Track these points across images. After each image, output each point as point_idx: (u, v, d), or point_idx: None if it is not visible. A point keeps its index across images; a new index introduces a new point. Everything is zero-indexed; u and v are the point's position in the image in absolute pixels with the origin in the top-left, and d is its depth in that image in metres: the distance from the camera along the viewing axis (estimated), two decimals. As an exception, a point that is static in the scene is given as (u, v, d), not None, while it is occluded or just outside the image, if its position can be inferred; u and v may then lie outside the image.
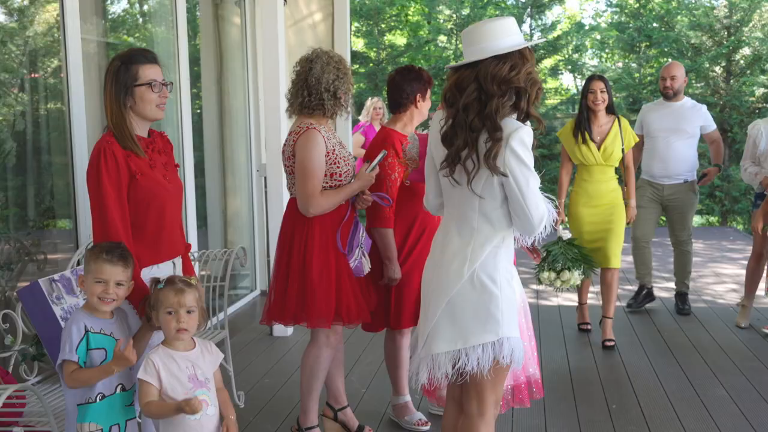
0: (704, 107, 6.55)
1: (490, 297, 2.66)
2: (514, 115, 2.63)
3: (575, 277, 4.98)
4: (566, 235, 5.24)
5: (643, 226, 6.43)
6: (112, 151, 2.88)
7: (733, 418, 4.28)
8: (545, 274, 5.01)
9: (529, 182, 2.60)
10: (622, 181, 5.76)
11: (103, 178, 2.85)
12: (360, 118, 9.05)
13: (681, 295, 6.65)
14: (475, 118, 2.58)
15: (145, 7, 6.50)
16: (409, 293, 3.96)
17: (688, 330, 6.01)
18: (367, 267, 3.80)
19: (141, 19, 6.49)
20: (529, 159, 2.60)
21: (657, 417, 4.32)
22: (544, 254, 4.98)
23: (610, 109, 5.54)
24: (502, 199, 2.66)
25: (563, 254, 5.03)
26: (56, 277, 3.33)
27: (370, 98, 9.12)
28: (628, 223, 5.64)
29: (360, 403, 4.54)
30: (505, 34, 2.60)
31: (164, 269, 3.06)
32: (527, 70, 2.60)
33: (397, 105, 4.01)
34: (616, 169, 5.65)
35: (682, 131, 6.30)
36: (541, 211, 2.64)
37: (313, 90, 3.67)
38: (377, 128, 7.88)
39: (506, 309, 2.69)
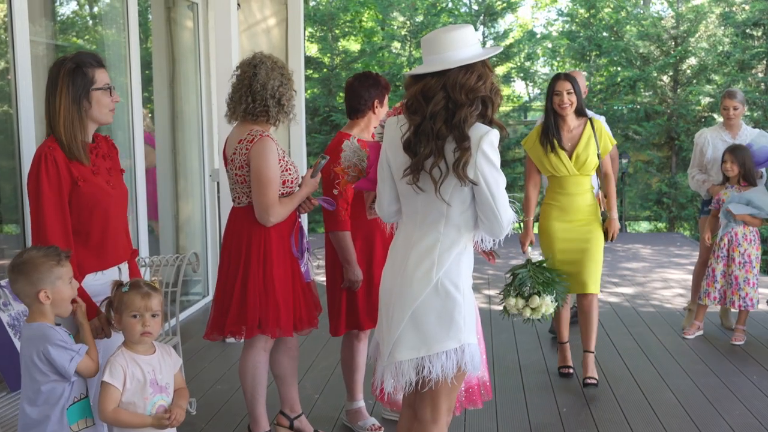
0: (602, 119, 5.65)
1: (454, 303, 2.68)
2: (480, 123, 2.66)
3: (547, 303, 4.17)
4: (536, 257, 4.50)
5: None
6: (54, 157, 2.82)
7: (680, 420, 4.37)
8: (512, 301, 4.19)
9: (499, 184, 2.64)
10: (602, 190, 5.06)
11: (43, 185, 2.81)
12: None
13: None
14: (443, 126, 2.60)
15: (96, 9, 6.41)
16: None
17: (636, 334, 6.12)
18: (312, 271, 3.81)
19: (91, 22, 6.41)
20: (498, 161, 2.65)
21: (606, 420, 4.39)
22: (510, 279, 4.30)
23: (581, 111, 4.86)
24: (469, 203, 2.68)
25: (532, 277, 4.26)
26: (3, 283, 3.27)
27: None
28: (612, 239, 4.93)
29: (313, 409, 4.52)
30: (467, 44, 2.64)
31: (109, 275, 3.02)
32: (492, 80, 2.64)
33: (355, 111, 4.02)
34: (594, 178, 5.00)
35: None
36: (510, 212, 2.69)
37: (258, 96, 3.62)
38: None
39: (468, 315, 2.72)
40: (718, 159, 5.93)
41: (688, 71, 14.74)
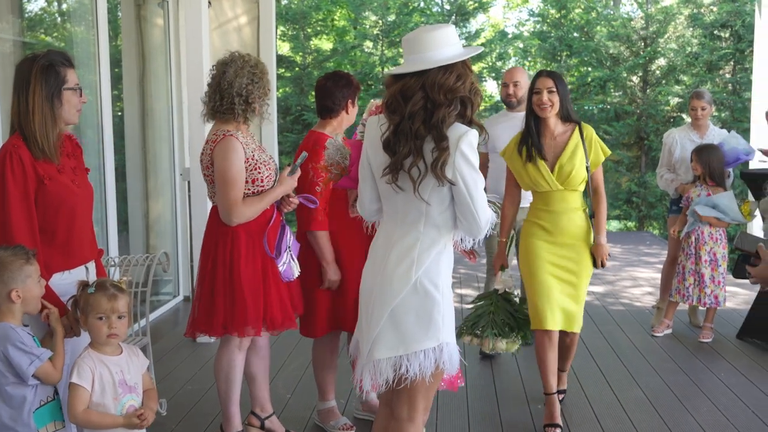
0: None
1: (433, 303, 2.69)
2: (459, 123, 2.66)
3: (501, 346, 3.98)
4: (509, 283, 4.22)
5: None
6: (19, 156, 2.80)
7: (649, 418, 4.41)
8: (467, 338, 4.08)
9: (477, 184, 2.65)
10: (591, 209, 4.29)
11: (8, 184, 2.78)
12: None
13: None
14: (421, 126, 2.60)
15: (64, 6, 6.34)
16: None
17: (606, 333, 6.17)
18: (296, 271, 3.78)
19: (59, 19, 6.33)
20: (477, 161, 2.66)
21: (577, 418, 4.42)
22: (472, 310, 4.21)
23: (567, 115, 4.16)
24: (449, 203, 2.69)
25: (491, 314, 4.05)
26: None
27: (373, 100, 8.35)
28: (601, 266, 4.21)
29: (285, 409, 4.51)
30: (448, 43, 2.64)
31: (76, 274, 3.00)
32: (471, 80, 2.65)
33: (328, 110, 4.01)
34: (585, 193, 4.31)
35: None
36: (488, 212, 2.70)
37: (225, 94, 3.61)
38: None
39: (446, 314, 2.73)
40: (687, 158, 6.00)
41: (657, 72, 14.90)
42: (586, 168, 4.09)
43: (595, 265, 4.19)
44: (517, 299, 4.28)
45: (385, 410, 2.97)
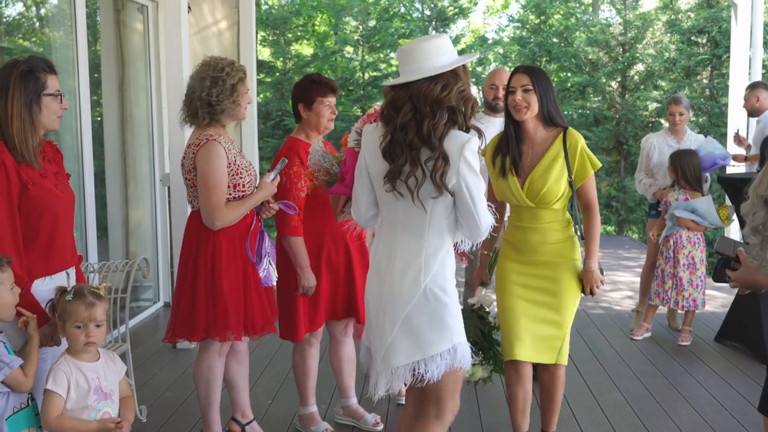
0: None
1: (444, 307, 2.74)
2: (455, 129, 2.69)
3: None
4: (487, 301, 3.85)
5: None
6: (2, 160, 2.78)
7: (628, 421, 4.44)
8: None
9: (480, 190, 2.70)
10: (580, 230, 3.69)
11: None
12: None
13: None
14: (414, 137, 2.64)
15: (42, 11, 6.31)
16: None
17: (586, 336, 6.20)
18: (274, 277, 3.78)
19: (38, 24, 6.29)
20: (478, 167, 2.70)
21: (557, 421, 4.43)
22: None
23: (551, 118, 3.55)
24: (451, 208, 2.73)
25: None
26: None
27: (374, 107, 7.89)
28: (591, 294, 3.63)
29: (266, 415, 4.50)
30: (439, 53, 2.67)
31: (57, 280, 2.99)
32: (459, 89, 2.67)
33: (295, 115, 4.08)
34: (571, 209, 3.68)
35: None
36: (488, 216, 2.74)
37: (188, 100, 3.66)
38: None
39: (456, 315, 2.79)
40: (664, 163, 6.05)
41: (636, 77, 15.01)
42: (570, 182, 3.52)
43: (583, 291, 3.63)
44: (493, 320, 3.87)
45: (410, 410, 3.00)
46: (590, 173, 3.54)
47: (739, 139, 6.95)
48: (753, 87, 6.76)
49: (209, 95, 3.61)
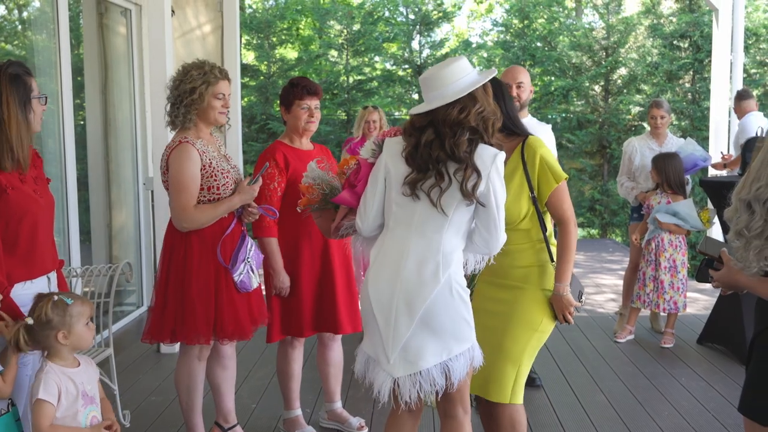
0: (549, 126, 4.82)
1: (465, 304, 2.79)
2: (485, 145, 2.76)
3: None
4: None
5: None
6: None
7: (612, 422, 4.47)
8: None
9: (504, 200, 2.78)
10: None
11: None
12: (353, 131, 7.02)
13: None
14: (440, 153, 2.72)
15: (25, 14, 6.27)
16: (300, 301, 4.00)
17: (569, 339, 6.23)
18: (255, 282, 3.77)
19: (20, 27, 6.26)
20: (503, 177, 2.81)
21: (540, 422, 4.46)
22: None
23: (509, 127, 3.16)
24: (471, 215, 2.79)
25: None
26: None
27: (362, 108, 6.84)
28: (566, 321, 3.24)
29: (250, 419, 4.49)
30: (456, 78, 2.75)
31: (38, 284, 2.98)
32: (477, 110, 2.74)
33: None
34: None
35: None
36: (504, 231, 2.81)
37: (168, 105, 3.71)
38: None
39: (471, 314, 2.83)
40: (646, 166, 6.10)
41: (619, 81, 15.10)
42: (533, 198, 3.13)
43: (557, 318, 3.25)
44: None
45: (398, 413, 2.94)
46: (554, 186, 3.10)
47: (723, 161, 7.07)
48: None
49: (172, 98, 3.66)
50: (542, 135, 3.97)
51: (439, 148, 2.72)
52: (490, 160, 2.73)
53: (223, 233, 3.67)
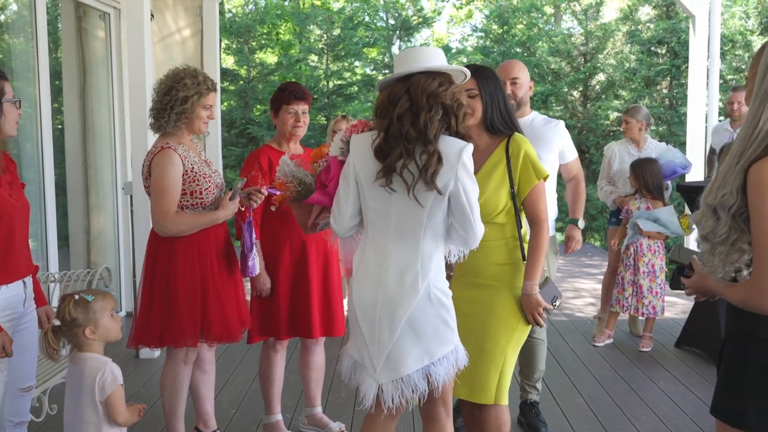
0: (561, 123, 4.62)
1: (446, 309, 2.78)
2: (451, 137, 2.74)
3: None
4: None
5: None
6: None
7: (590, 425, 4.49)
8: None
9: (476, 195, 2.74)
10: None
11: None
12: (325, 140, 6.92)
13: (528, 407, 4.49)
14: (411, 128, 2.68)
15: (2, 18, 6.23)
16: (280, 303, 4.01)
17: (548, 342, 6.24)
18: (258, 267, 3.84)
19: (-3, 30, 6.22)
20: (473, 172, 2.75)
21: (519, 426, 4.47)
22: None
23: (493, 126, 3.20)
24: (446, 213, 2.76)
25: None
26: None
27: (333, 118, 6.94)
28: (536, 323, 3.15)
29: (230, 424, 4.47)
30: (435, 58, 2.77)
31: (14, 289, 2.96)
32: (453, 91, 2.74)
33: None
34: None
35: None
36: (481, 223, 2.77)
37: (152, 111, 3.72)
38: None
39: (453, 317, 2.82)
40: (625, 171, 6.15)
41: (597, 87, 15.22)
42: (511, 193, 3.13)
43: (527, 320, 3.18)
44: None
45: (375, 414, 2.93)
46: (535, 182, 3.11)
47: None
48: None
49: (161, 102, 3.64)
50: (552, 133, 4.37)
51: (410, 123, 2.67)
52: (458, 153, 2.68)
53: (207, 237, 3.66)
